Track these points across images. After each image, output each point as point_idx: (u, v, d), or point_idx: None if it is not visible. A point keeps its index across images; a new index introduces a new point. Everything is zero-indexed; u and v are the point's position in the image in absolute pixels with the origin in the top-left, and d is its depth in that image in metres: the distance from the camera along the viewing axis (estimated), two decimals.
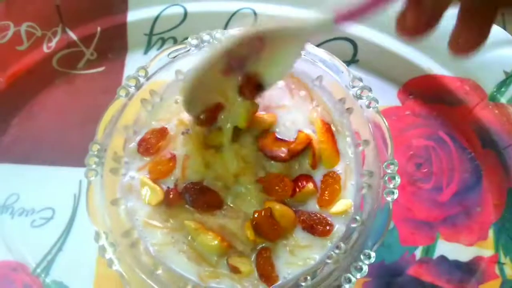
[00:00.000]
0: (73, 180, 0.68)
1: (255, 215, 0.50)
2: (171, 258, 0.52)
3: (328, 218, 0.52)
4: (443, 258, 0.64)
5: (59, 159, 0.69)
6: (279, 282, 0.51)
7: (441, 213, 0.65)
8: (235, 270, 0.51)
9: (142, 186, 0.54)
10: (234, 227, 0.51)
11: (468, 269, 0.63)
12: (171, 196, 0.52)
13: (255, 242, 0.51)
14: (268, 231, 0.50)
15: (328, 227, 0.51)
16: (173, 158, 0.54)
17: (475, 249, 0.64)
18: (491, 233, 0.64)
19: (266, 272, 0.50)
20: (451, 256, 0.64)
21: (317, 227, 0.52)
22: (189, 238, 0.52)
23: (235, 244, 0.51)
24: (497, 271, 0.63)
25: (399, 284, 0.63)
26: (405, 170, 0.66)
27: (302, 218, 0.52)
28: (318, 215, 0.52)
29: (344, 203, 0.53)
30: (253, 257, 0.51)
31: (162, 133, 0.55)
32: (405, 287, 0.63)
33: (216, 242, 0.50)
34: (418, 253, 0.64)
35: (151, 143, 0.55)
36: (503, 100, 0.65)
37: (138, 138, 0.55)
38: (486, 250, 0.64)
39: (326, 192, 0.52)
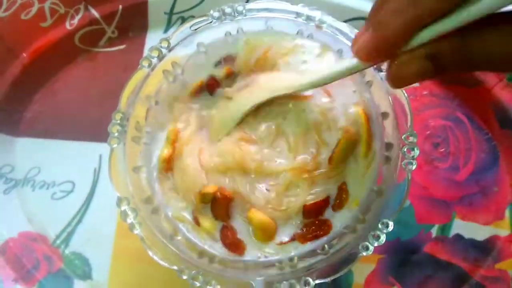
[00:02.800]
0: (93, 155, 0.69)
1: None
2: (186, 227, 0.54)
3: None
4: (459, 236, 0.64)
5: (80, 134, 0.70)
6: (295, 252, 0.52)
7: (457, 192, 0.65)
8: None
9: None
10: None
11: (484, 248, 0.63)
12: None
13: None
14: None
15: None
16: None
17: (491, 229, 0.64)
18: (507, 212, 0.64)
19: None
20: (467, 234, 0.64)
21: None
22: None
23: None
24: None
25: (415, 261, 0.64)
26: (422, 149, 0.66)
27: None
28: None
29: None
30: None
31: None
32: (421, 264, 0.63)
33: None
34: (434, 231, 0.64)
35: None
36: None
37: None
38: (502, 230, 0.64)
39: None
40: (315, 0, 0.69)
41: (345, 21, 0.68)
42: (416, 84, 0.69)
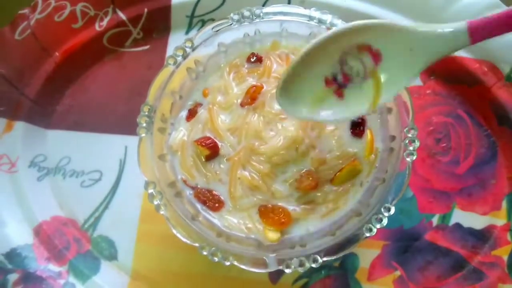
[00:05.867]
0: (119, 146, 0.75)
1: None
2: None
3: None
4: (458, 225, 0.69)
5: (107, 127, 0.76)
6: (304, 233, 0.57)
7: (457, 184, 0.70)
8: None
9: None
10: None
11: (482, 236, 0.68)
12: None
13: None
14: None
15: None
16: None
17: (489, 218, 0.69)
18: (504, 203, 0.69)
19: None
20: (466, 224, 0.69)
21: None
22: None
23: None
24: (508, 237, 0.67)
25: (417, 247, 0.68)
26: (425, 144, 0.71)
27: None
28: None
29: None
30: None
31: None
32: (422, 251, 0.68)
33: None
34: (435, 220, 0.69)
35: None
36: None
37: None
38: (499, 219, 0.68)
39: None
40: (326, 4, 0.74)
41: None
42: (420, 84, 0.74)
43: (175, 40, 0.79)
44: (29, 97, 0.75)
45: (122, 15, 0.78)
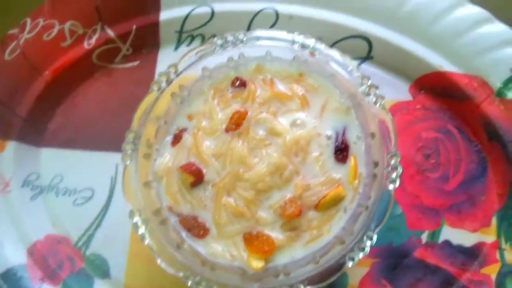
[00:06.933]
0: (110, 164, 0.75)
1: None
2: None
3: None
4: (447, 242, 0.69)
5: (99, 144, 0.76)
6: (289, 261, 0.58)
7: (447, 201, 0.70)
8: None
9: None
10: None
11: (471, 253, 0.68)
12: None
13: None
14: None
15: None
16: None
17: (478, 235, 0.68)
18: (494, 220, 0.69)
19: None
20: (455, 241, 0.69)
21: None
22: None
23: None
24: (497, 256, 0.67)
25: (406, 265, 0.68)
26: (414, 160, 0.71)
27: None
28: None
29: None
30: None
31: None
32: (411, 268, 0.68)
33: None
34: (424, 237, 0.69)
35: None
36: (509, 96, 0.69)
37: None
38: (489, 236, 0.68)
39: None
40: (311, 20, 0.73)
41: (340, 40, 0.73)
42: (410, 98, 0.73)
43: (165, 55, 0.79)
44: (20, 116, 0.76)
45: (110, 32, 0.78)
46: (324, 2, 0.74)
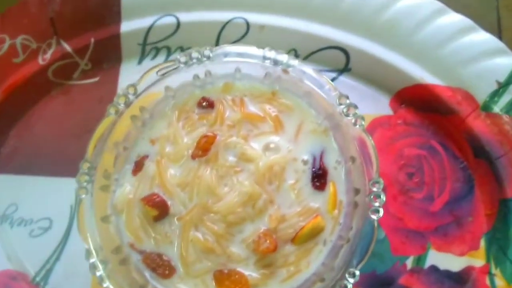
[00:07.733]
0: (69, 191, 0.67)
1: None
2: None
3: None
4: (434, 268, 0.64)
5: (57, 170, 0.70)
6: None
7: (432, 223, 0.65)
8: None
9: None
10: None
11: (459, 279, 0.64)
12: None
13: None
14: None
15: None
16: None
17: (467, 259, 0.64)
18: (482, 243, 0.64)
19: None
20: (442, 266, 0.64)
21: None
22: None
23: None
24: (487, 281, 0.63)
25: None
26: (397, 180, 0.66)
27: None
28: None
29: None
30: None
31: None
32: None
33: None
34: (409, 262, 0.65)
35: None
36: (496, 110, 0.65)
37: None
38: (477, 260, 0.64)
39: None
40: (284, 30, 0.69)
41: (316, 51, 0.68)
42: (391, 113, 0.68)
43: (127, 70, 0.73)
44: None
45: (67, 46, 0.71)
46: (297, 11, 0.69)
